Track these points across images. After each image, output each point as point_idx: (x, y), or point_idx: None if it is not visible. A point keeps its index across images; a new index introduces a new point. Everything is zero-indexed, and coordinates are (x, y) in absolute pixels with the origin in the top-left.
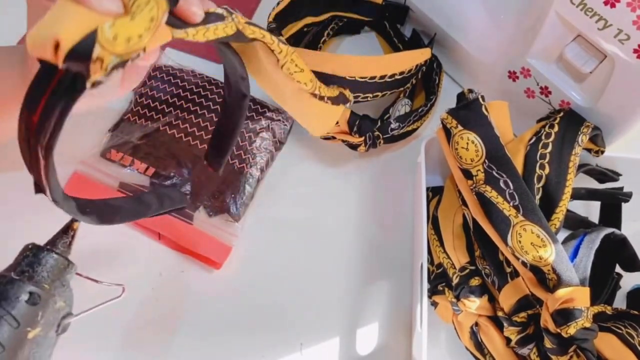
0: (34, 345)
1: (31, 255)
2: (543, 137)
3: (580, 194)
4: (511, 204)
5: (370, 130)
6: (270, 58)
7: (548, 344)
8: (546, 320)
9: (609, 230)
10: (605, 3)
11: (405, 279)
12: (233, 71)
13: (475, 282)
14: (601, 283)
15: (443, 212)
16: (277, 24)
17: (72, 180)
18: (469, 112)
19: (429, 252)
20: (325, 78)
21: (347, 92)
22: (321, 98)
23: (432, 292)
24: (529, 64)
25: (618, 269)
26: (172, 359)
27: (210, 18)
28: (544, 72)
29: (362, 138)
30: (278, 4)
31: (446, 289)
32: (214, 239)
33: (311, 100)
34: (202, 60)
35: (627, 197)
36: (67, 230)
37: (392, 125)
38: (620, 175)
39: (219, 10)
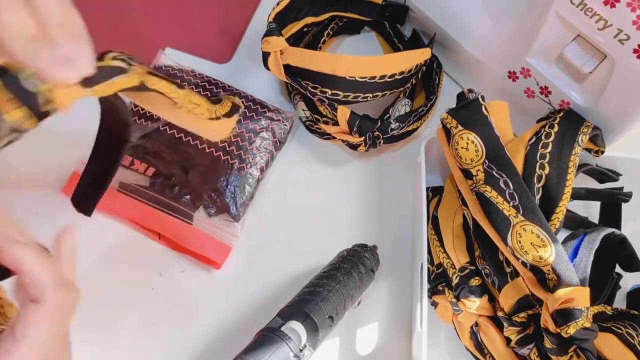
0: (365, 279)
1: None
2: (543, 137)
3: (580, 194)
4: (511, 204)
5: (370, 130)
6: (168, 100)
7: (548, 344)
8: (546, 320)
9: (609, 230)
10: (605, 3)
11: (405, 279)
12: (116, 119)
13: (475, 282)
14: (601, 283)
15: (443, 212)
16: (277, 24)
17: (72, 180)
18: (469, 112)
19: (429, 252)
20: (325, 78)
21: (237, 100)
22: (217, 118)
23: (432, 292)
24: (529, 64)
25: (618, 269)
26: (172, 359)
27: (113, 71)
28: (544, 72)
29: (362, 138)
30: (278, 4)
31: (446, 289)
32: (214, 239)
33: (208, 122)
34: (202, 60)
35: (627, 197)
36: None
37: (392, 125)
38: (620, 175)
39: (119, 63)
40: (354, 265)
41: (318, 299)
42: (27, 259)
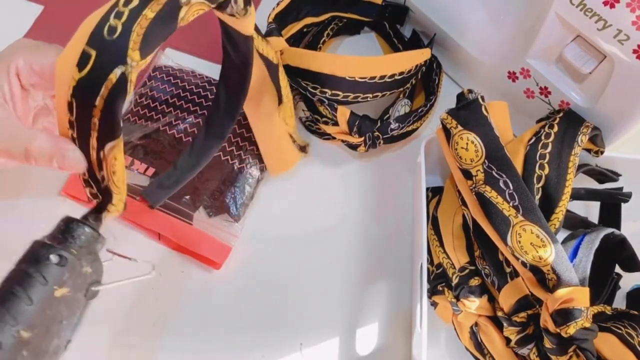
0: (62, 304)
1: (63, 225)
2: (543, 137)
3: (579, 194)
4: (511, 204)
5: (370, 131)
6: (274, 100)
7: (548, 344)
8: (546, 320)
9: (609, 230)
10: (605, 3)
11: (405, 279)
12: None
13: (475, 282)
14: (601, 283)
15: (443, 212)
16: (277, 24)
17: (71, 180)
18: (468, 112)
19: (429, 252)
20: (325, 78)
21: (309, 147)
22: (294, 141)
23: (432, 292)
24: (528, 65)
25: (618, 269)
26: (172, 359)
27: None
28: (543, 73)
29: (362, 138)
30: (278, 4)
31: (446, 289)
32: (214, 239)
33: (287, 140)
34: (202, 60)
35: (627, 197)
36: (101, 208)
37: (392, 126)
38: (620, 175)
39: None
40: (26, 278)
41: None
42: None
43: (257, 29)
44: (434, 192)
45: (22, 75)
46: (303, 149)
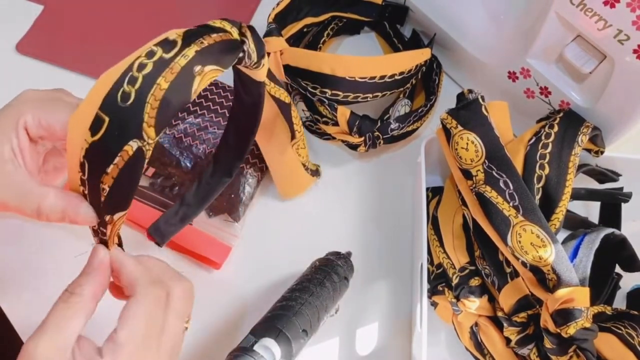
0: (337, 292)
1: (344, 254)
2: (543, 137)
3: (580, 194)
4: (511, 204)
5: (370, 131)
6: (286, 134)
7: (548, 344)
8: (546, 321)
9: (609, 230)
10: (605, 3)
11: (405, 279)
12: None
13: (475, 282)
14: (601, 283)
15: (443, 212)
16: (277, 24)
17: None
18: (468, 112)
19: (429, 253)
20: (325, 78)
21: (320, 169)
22: (306, 168)
23: (432, 292)
24: (528, 64)
25: (618, 269)
26: None
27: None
28: (543, 73)
29: (362, 138)
30: (278, 4)
31: (446, 289)
32: (214, 239)
33: (300, 169)
34: None
35: (627, 197)
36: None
37: (392, 126)
38: (620, 175)
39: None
40: (326, 275)
41: (290, 313)
42: (126, 261)
43: (269, 75)
44: (434, 192)
45: (31, 130)
46: (315, 172)
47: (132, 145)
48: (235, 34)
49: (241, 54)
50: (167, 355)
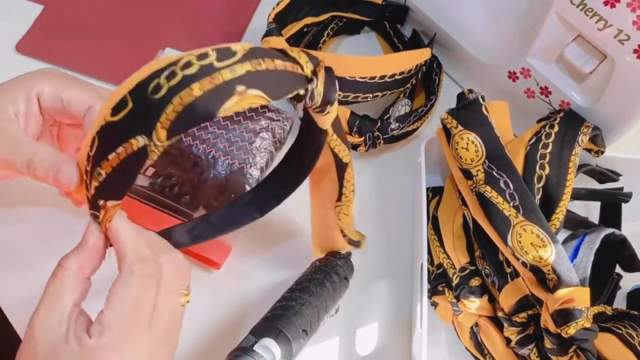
0: (337, 291)
1: (345, 255)
2: (543, 137)
3: (580, 194)
4: (511, 204)
5: (370, 131)
6: (333, 193)
7: (548, 344)
8: (546, 321)
9: (609, 230)
10: (605, 3)
11: (405, 279)
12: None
13: (475, 282)
14: (601, 283)
15: (443, 212)
16: (277, 24)
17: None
18: (469, 112)
19: (429, 253)
20: None
21: (365, 242)
22: (344, 235)
23: (432, 292)
24: (529, 64)
25: (618, 269)
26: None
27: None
28: (544, 73)
29: (362, 138)
30: (278, 4)
31: (446, 289)
32: (214, 239)
33: (337, 233)
34: None
35: (627, 197)
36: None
37: (392, 126)
38: (620, 175)
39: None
40: (326, 275)
41: (290, 313)
42: (119, 234)
43: (336, 126)
44: (434, 192)
45: (45, 101)
46: (355, 243)
47: (139, 141)
48: (307, 69)
49: (302, 92)
50: (162, 334)
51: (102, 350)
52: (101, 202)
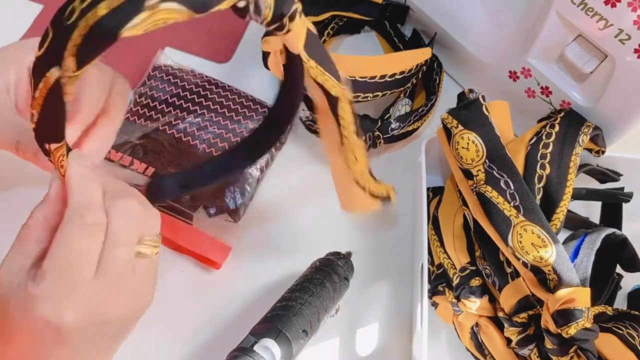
0: (337, 291)
1: (344, 254)
2: (544, 137)
3: (581, 194)
4: (512, 204)
5: (370, 130)
6: (336, 134)
7: (549, 344)
8: (547, 321)
9: (610, 230)
10: (606, 3)
11: (405, 279)
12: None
13: (475, 282)
14: (602, 283)
15: (443, 212)
16: None
17: None
18: (469, 112)
19: (429, 253)
20: None
21: (393, 193)
22: (362, 187)
23: (433, 292)
24: (529, 64)
25: (619, 269)
26: (172, 359)
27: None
28: (544, 72)
29: (362, 138)
30: None
31: (446, 290)
32: (214, 239)
33: (352, 184)
34: (202, 60)
35: (628, 197)
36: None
37: (392, 125)
38: (621, 175)
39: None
40: (327, 275)
41: (290, 313)
42: (72, 177)
43: (315, 52)
44: (435, 192)
45: None
46: (381, 197)
47: (54, 74)
48: None
49: (242, 3)
50: (113, 285)
51: (40, 296)
52: (46, 146)
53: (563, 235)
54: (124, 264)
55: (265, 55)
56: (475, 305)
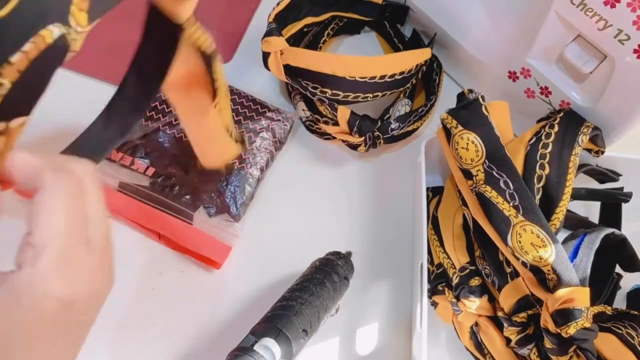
0: (337, 291)
1: (344, 254)
2: (543, 137)
3: (580, 194)
4: (511, 204)
5: (370, 130)
6: (207, 93)
7: (548, 344)
8: (546, 321)
9: (609, 230)
10: (606, 3)
11: (405, 279)
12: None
13: (475, 282)
14: (601, 283)
15: (443, 212)
16: (277, 24)
17: None
18: (469, 112)
19: (429, 252)
20: (325, 78)
21: (245, 137)
22: (230, 134)
23: (432, 292)
24: (529, 64)
25: (618, 269)
26: (172, 359)
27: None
28: (544, 72)
29: (362, 138)
30: (278, 4)
31: (446, 289)
32: (214, 239)
33: (223, 134)
34: None
35: (627, 197)
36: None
37: (392, 125)
38: (620, 175)
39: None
40: (327, 275)
41: (290, 313)
42: (16, 157)
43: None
44: (435, 192)
45: None
46: (240, 141)
47: (53, 31)
48: None
49: None
50: (100, 247)
51: (40, 276)
52: (2, 126)
53: (562, 235)
54: (106, 224)
55: (266, 56)
56: (474, 304)
